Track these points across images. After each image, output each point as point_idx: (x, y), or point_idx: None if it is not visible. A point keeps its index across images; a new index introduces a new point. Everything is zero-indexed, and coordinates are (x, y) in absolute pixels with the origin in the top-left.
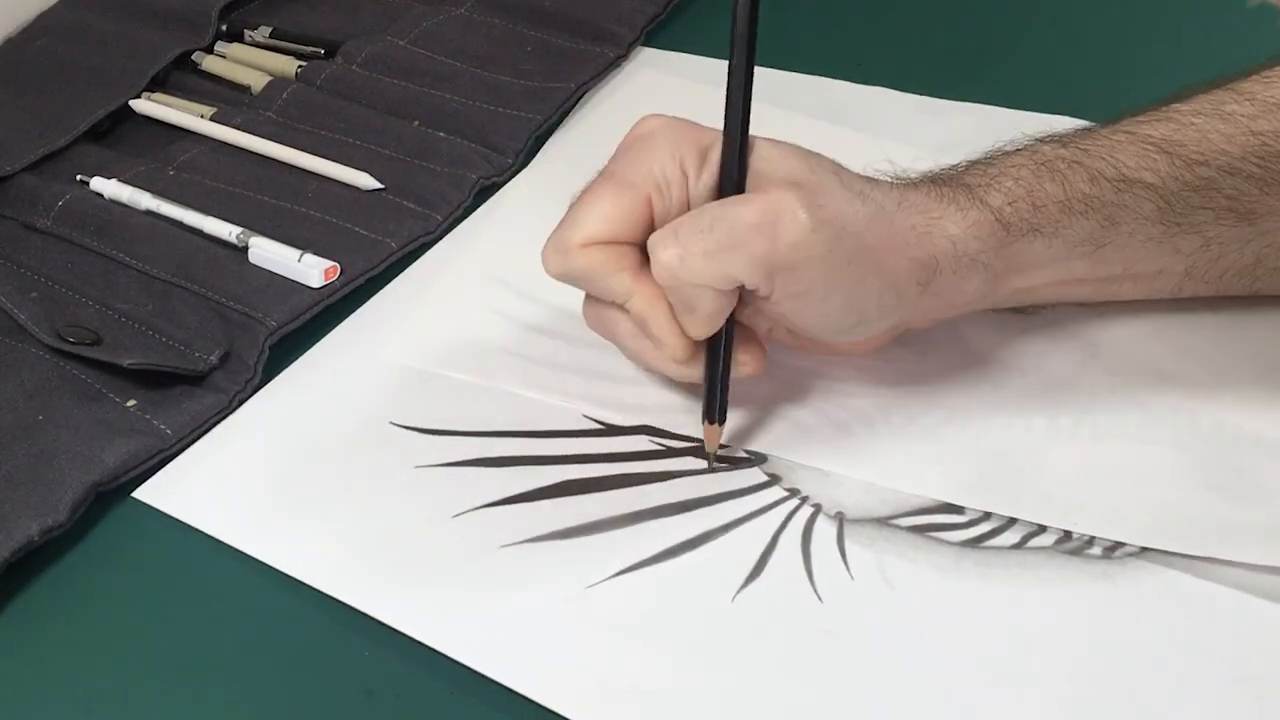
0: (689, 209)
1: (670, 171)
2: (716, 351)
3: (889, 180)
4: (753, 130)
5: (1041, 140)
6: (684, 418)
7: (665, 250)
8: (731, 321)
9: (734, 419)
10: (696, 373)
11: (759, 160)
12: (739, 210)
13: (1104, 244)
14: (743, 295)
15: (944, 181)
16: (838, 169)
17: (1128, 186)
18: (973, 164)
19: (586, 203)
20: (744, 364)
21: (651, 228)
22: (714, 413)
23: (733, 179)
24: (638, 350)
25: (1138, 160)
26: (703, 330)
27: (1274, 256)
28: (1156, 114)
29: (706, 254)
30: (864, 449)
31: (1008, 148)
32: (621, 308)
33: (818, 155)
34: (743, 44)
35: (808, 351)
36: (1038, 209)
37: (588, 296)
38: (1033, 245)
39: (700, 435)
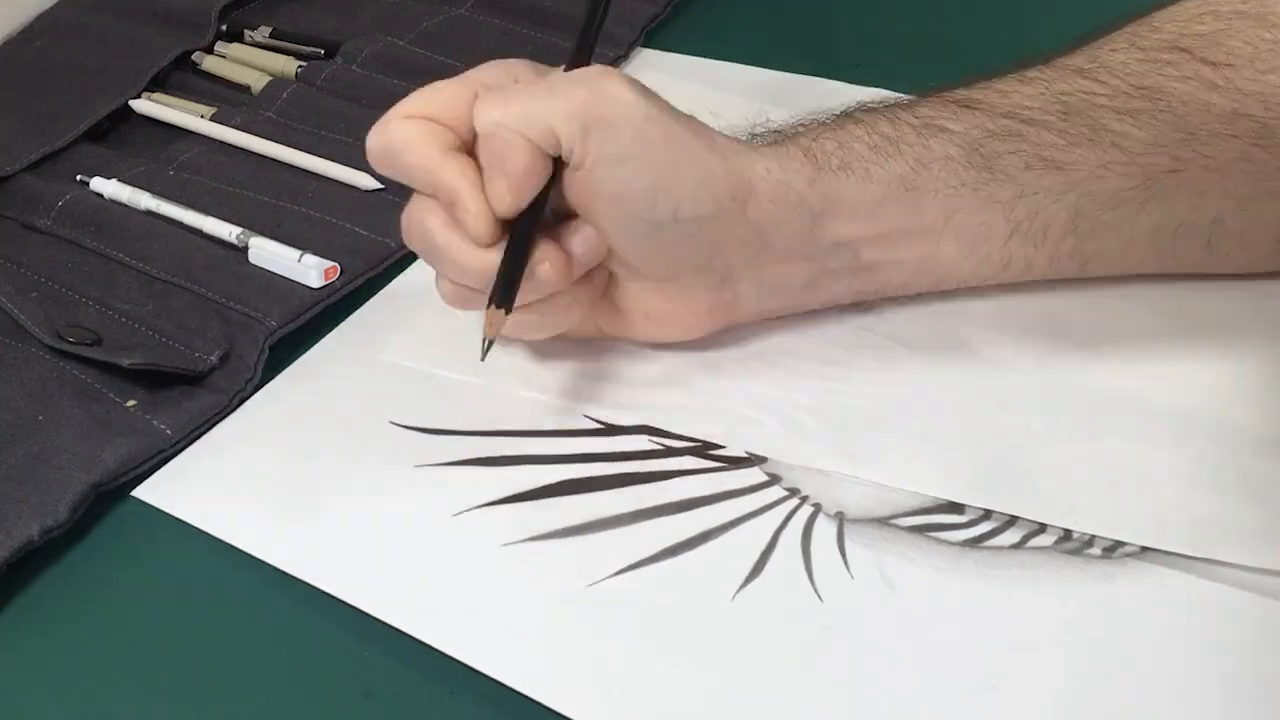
0: None
1: (502, 80)
2: (515, 250)
3: None
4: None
5: (848, 108)
6: (684, 417)
7: (489, 96)
8: (535, 221)
9: (733, 418)
10: (495, 262)
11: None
12: (567, 74)
13: (915, 187)
14: (560, 197)
15: (754, 134)
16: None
17: (930, 131)
18: (778, 126)
19: (418, 90)
20: (543, 263)
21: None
22: (500, 296)
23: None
24: (447, 244)
25: (938, 111)
26: (511, 202)
27: (1091, 209)
28: (961, 83)
29: (531, 97)
30: (864, 449)
31: (812, 114)
32: (433, 196)
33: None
34: None
35: (642, 337)
36: (842, 146)
37: (409, 202)
38: (845, 184)
39: (699, 436)
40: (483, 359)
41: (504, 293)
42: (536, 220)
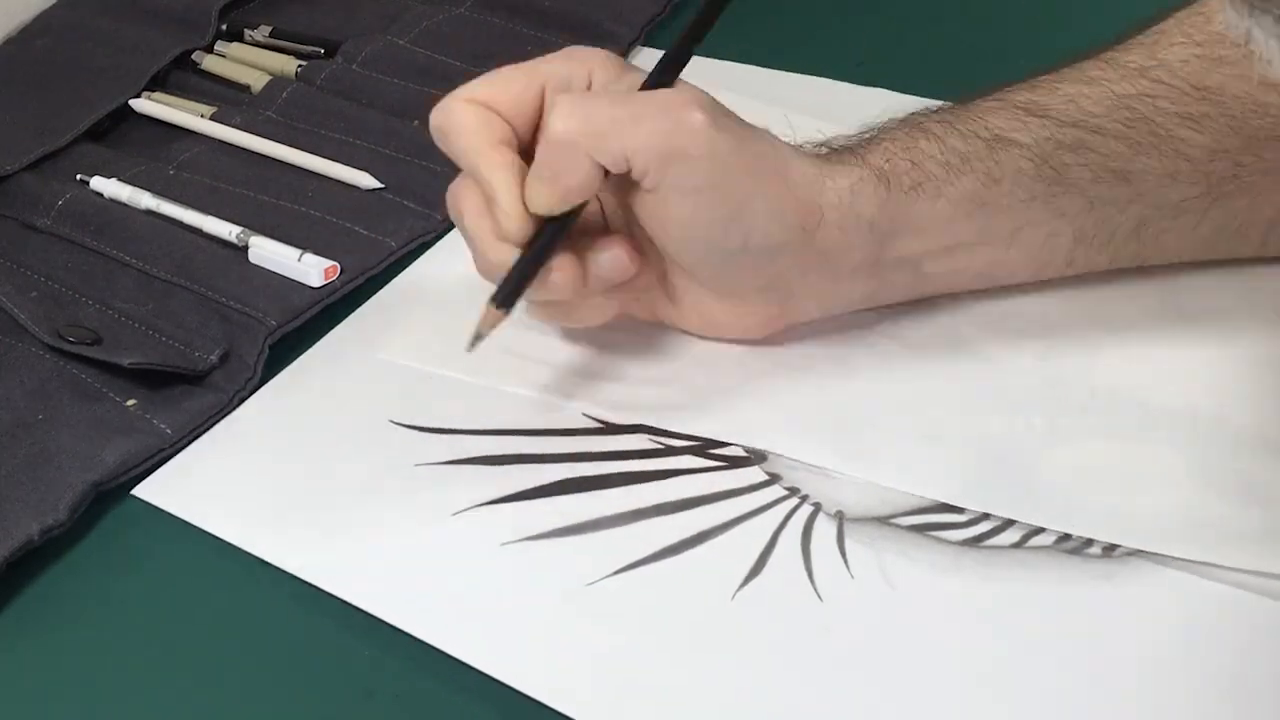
0: None
1: (577, 75)
2: (542, 244)
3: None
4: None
5: (916, 112)
6: (683, 415)
7: (568, 104)
8: (570, 219)
9: (737, 415)
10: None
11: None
12: (647, 96)
13: (986, 203)
14: (628, 210)
15: (828, 146)
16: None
17: (1001, 145)
18: (854, 135)
19: (485, 74)
20: (556, 271)
21: (537, 117)
22: (501, 297)
23: (656, 79)
24: (476, 230)
25: (1008, 122)
26: (553, 203)
27: (1156, 218)
28: (1023, 84)
29: (612, 120)
30: (863, 448)
31: (884, 121)
32: (474, 179)
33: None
34: None
35: (695, 332)
36: (916, 165)
37: (456, 179)
38: (916, 204)
39: (699, 434)
40: (468, 350)
41: (505, 294)
42: (566, 228)
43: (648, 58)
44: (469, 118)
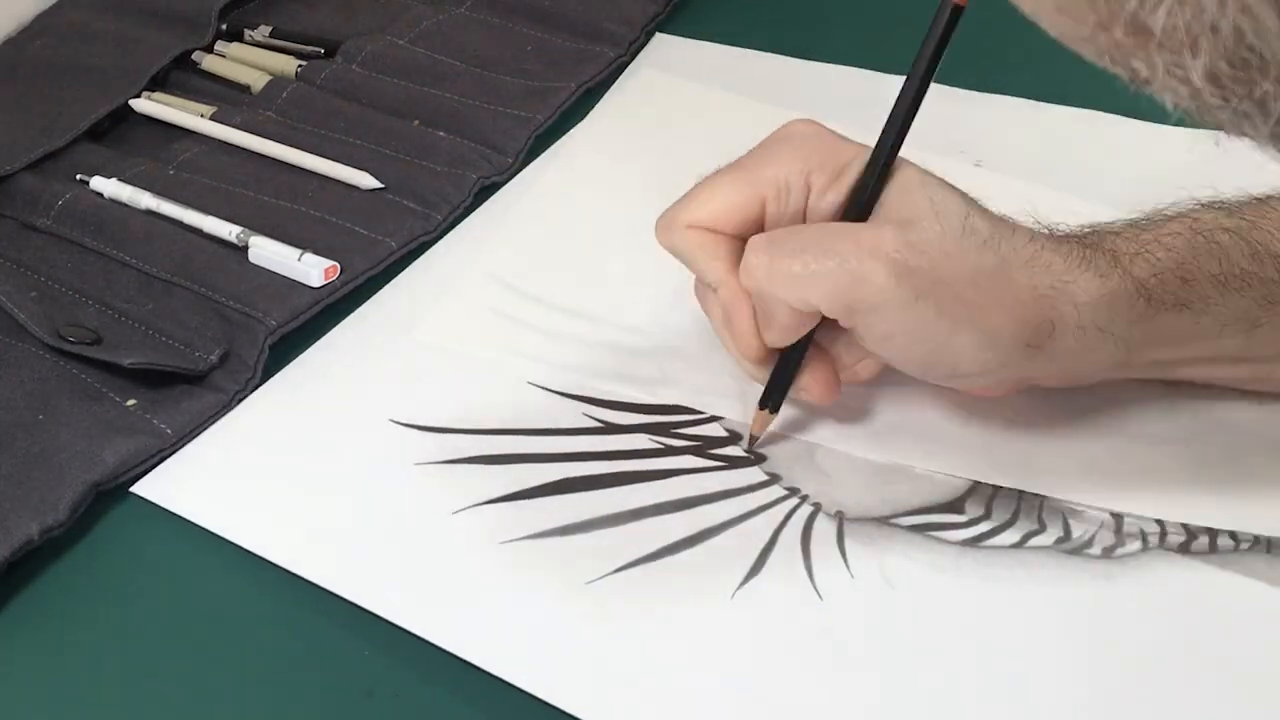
0: (804, 220)
1: (795, 180)
2: (787, 360)
3: (1029, 230)
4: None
5: (1205, 205)
6: (684, 414)
7: (754, 256)
8: (809, 339)
9: (746, 407)
10: (766, 376)
11: (891, 188)
12: (833, 241)
13: (1259, 324)
14: (839, 324)
15: (1090, 244)
16: (969, 212)
17: None
18: (1128, 224)
19: (704, 187)
20: (806, 389)
21: (761, 227)
22: (769, 402)
23: (857, 206)
24: (723, 337)
25: None
26: (777, 340)
27: None
28: None
29: (790, 274)
30: (865, 440)
31: (1168, 210)
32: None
33: (954, 194)
34: (917, 76)
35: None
36: (1186, 283)
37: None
38: (1179, 319)
39: (707, 433)
40: (749, 451)
41: (771, 401)
42: (804, 352)
43: (659, 44)
44: (696, 244)
